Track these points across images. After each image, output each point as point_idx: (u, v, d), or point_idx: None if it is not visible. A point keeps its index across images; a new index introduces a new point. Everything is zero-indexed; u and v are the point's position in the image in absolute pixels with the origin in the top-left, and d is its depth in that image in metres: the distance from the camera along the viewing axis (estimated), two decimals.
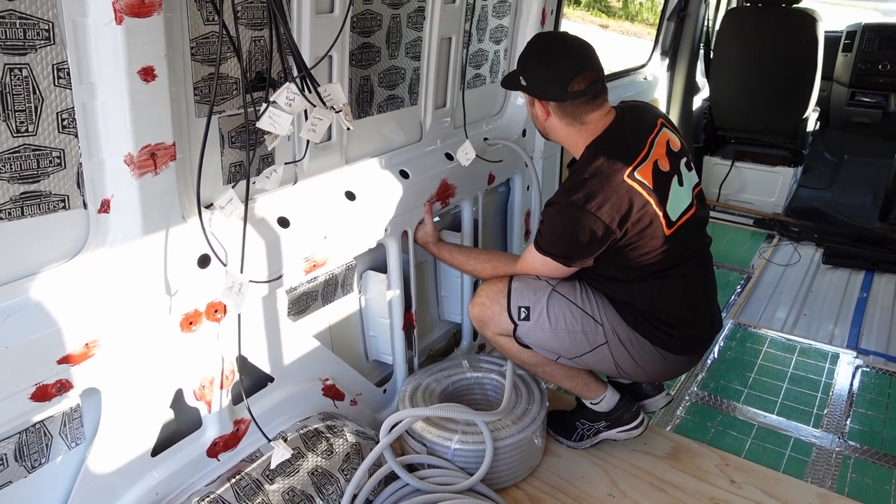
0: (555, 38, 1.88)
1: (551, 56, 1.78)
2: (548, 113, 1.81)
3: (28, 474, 1.31)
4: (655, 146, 1.78)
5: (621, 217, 1.69)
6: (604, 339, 1.85)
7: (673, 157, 1.81)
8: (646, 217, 1.71)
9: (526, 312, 1.86)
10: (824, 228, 3.85)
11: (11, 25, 1.10)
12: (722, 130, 4.26)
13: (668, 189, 1.77)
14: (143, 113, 1.27)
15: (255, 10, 1.51)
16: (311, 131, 1.52)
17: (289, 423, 1.77)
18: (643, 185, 1.71)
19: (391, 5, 1.89)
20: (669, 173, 1.78)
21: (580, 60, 1.76)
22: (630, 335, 1.85)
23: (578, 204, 1.69)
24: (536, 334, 1.86)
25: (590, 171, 1.72)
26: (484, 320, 1.92)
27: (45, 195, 1.23)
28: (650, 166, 1.74)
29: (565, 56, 1.77)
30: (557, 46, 1.80)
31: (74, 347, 1.27)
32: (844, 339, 2.86)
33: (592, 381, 2.03)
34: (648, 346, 1.85)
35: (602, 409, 2.04)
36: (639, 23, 12.20)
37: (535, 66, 1.79)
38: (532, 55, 1.82)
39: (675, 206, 1.78)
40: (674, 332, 1.85)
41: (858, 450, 2.19)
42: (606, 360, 1.88)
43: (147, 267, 1.39)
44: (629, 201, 1.69)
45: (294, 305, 1.82)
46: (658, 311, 1.84)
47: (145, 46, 1.23)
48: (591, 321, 1.85)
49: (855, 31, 4.30)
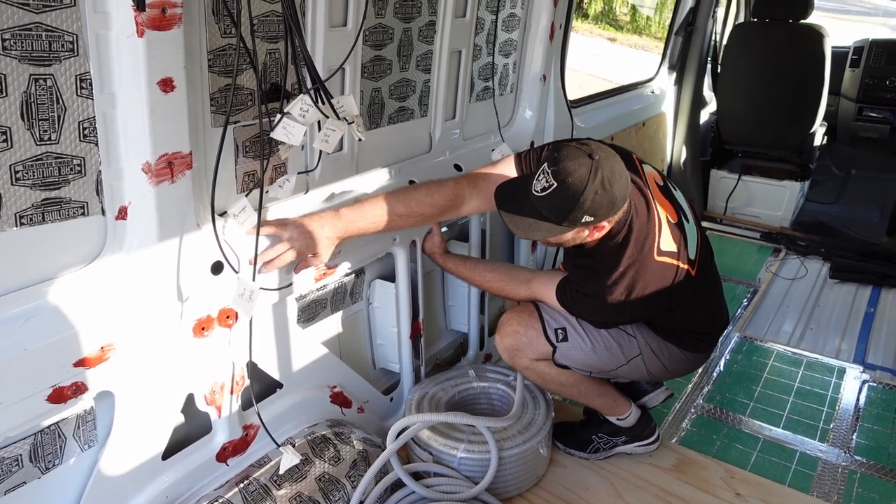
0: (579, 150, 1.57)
1: (603, 173, 1.53)
2: (603, 227, 1.65)
3: (42, 475, 1.34)
4: (656, 200, 1.75)
5: (661, 297, 1.71)
6: (638, 350, 1.88)
7: (667, 194, 1.82)
8: (678, 277, 1.73)
9: (563, 333, 1.85)
10: (831, 243, 3.85)
11: (38, 38, 1.14)
12: (729, 144, 4.28)
13: (684, 235, 1.78)
14: (161, 123, 1.30)
15: (270, 23, 1.55)
16: (324, 142, 1.55)
17: (297, 429, 1.79)
18: (672, 253, 1.72)
19: (403, 19, 1.93)
20: (679, 222, 1.79)
21: (614, 153, 1.59)
22: (661, 345, 1.89)
23: (621, 299, 1.68)
24: (575, 354, 1.87)
25: (624, 263, 1.67)
26: (519, 348, 1.88)
27: (66, 202, 1.27)
28: (666, 225, 1.74)
29: (609, 157, 1.56)
30: (595, 157, 1.54)
31: (90, 351, 1.29)
32: (851, 353, 2.86)
33: (620, 397, 2.06)
34: (677, 351, 1.90)
35: (627, 424, 2.06)
36: (646, 36, 12.25)
37: (594, 196, 1.52)
38: (585, 186, 1.51)
39: (692, 245, 1.80)
40: (701, 335, 1.93)
41: (865, 464, 2.18)
42: (639, 369, 1.91)
43: (162, 273, 1.41)
44: (664, 278, 1.70)
45: (304, 313, 1.85)
46: (688, 324, 1.90)
47: (165, 58, 1.27)
48: (625, 334, 1.87)
49: (862, 46, 4.32)
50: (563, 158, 1.53)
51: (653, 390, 2.15)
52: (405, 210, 1.76)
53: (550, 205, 1.55)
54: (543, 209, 1.57)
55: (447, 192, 1.81)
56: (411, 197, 1.78)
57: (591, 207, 1.53)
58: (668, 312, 1.81)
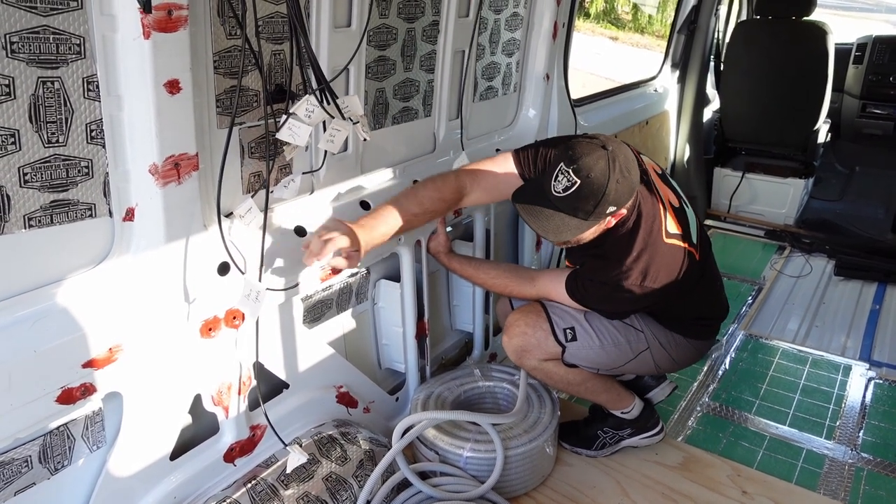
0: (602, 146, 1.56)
1: (619, 161, 1.54)
2: (622, 214, 1.65)
3: (51, 476, 1.34)
4: (657, 185, 1.78)
5: (672, 280, 1.72)
6: (646, 344, 1.89)
7: (665, 182, 1.84)
8: (686, 260, 1.74)
9: (572, 333, 1.86)
10: (836, 240, 3.84)
11: (45, 40, 1.15)
12: (732, 142, 4.27)
13: (686, 218, 1.80)
14: (167, 124, 1.31)
15: (275, 24, 1.55)
16: (329, 142, 1.56)
17: (303, 429, 1.79)
18: (678, 236, 1.74)
19: (406, 19, 1.93)
20: (680, 207, 1.80)
21: (619, 140, 1.61)
22: (668, 336, 1.91)
23: (637, 283, 1.69)
24: (584, 352, 1.88)
25: (637, 247, 1.69)
26: (527, 349, 1.89)
27: (73, 203, 1.27)
28: (669, 209, 1.75)
29: (619, 144, 1.58)
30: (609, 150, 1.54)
31: (98, 352, 1.30)
32: (857, 350, 2.85)
33: (624, 390, 2.07)
34: (683, 340, 1.93)
35: (631, 416, 2.08)
36: (648, 35, 12.24)
37: (617, 185, 1.53)
38: (608, 177, 1.52)
39: (693, 229, 1.81)
40: (706, 322, 1.96)
41: (871, 462, 2.18)
42: (647, 363, 1.92)
43: (169, 274, 1.42)
44: (675, 261, 1.72)
45: (309, 313, 1.85)
46: (693, 313, 1.92)
47: (171, 60, 1.27)
48: (632, 329, 1.89)
49: (865, 43, 4.31)
50: (581, 155, 1.52)
51: (657, 385, 2.16)
52: (419, 209, 1.78)
53: (576, 202, 1.55)
54: (567, 208, 1.57)
55: (451, 185, 1.83)
56: (422, 195, 1.80)
57: (615, 198, 1.54)
58: (675, 301, 1.81)
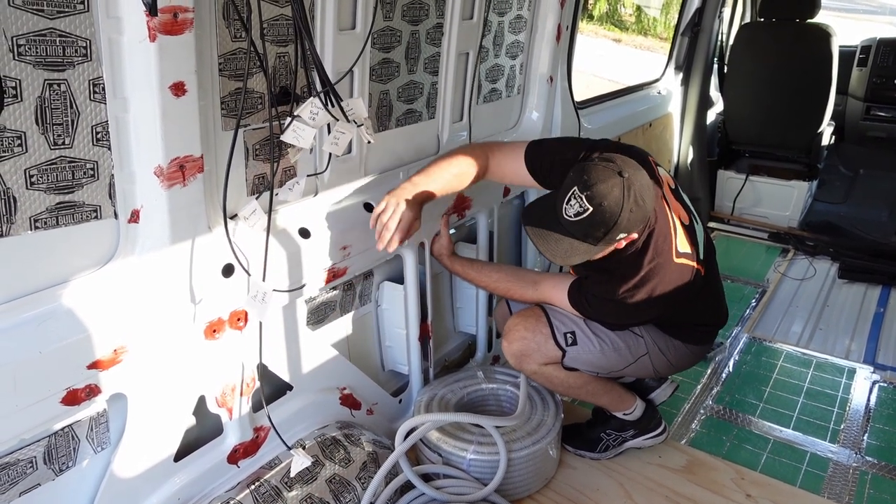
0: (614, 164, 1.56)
1: (635, 189, 1.53)
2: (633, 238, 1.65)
3: (56, 477, 1.35)
4: (671, 204, 1.76)
5: (677, 297, 1.72)
6: (645, 349, 1.89)
7: (677, 197, 1.83)
8: (693, 278, 1.74)
9: (572, 337, 1.85)
10: (840, 243, 3.83)
11: (52, 43, 1.15)
12: (736, 144, 4.27)
13: (695, 236, 1.79)
14: (173, 126, 1.31)
15: (280, 27, 1.55)
16: (333, 144, 1.56)
17: (307, 431, 1.79)
18: (688, 255, 1.73)
19: (411, 22, 1.94)
20: (690, 224, 1.80)
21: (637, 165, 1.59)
22: (667, 342, 1.90)
23: (642, 302, 1.70)
24: (584, 356, 1.88)
25: (645, 267, 1.68)
26: (527, 353, 1.88)
27: (79, 205, 1.28)
28: (681, 228, 1.75)
29: (636, 170, 1.56)
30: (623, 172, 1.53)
31: (103, 353, 1.30)
32: (861, 354, 2.84)
33: (625, 392, 2.07)
34: (682, 346, 1.92)
35: (634, 417, 2.07)
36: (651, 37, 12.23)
37: (630, 214, 1.53)
38: (622, 207, 1.51)
39: (700, 245, 1.80)
40: (706, 328, 1.97)
41: (876, 465, 2.17)
42: (646, 367, 1.93)
43: (174, 275, 1.42)
44: (682, 279, 1.72)
45: (313, 315, 1.85)
46: (694, 319, 1.92)
47: (176, 63, 1.28)
48: (632, 334, 1.88)
49: (870, 45, 4.31)
50: (596, 181, 1.50)
51: (658, 386, 2.16)
52: (458, 170, 1.82)
53: (587, 229, 1.54)
54: (579, 233, 1.56)
55: (480, 157, 1.87)
56: (460, 160, 1.84)
57: (626, 226, 1.54)
58: (677, 311, 1.82)
